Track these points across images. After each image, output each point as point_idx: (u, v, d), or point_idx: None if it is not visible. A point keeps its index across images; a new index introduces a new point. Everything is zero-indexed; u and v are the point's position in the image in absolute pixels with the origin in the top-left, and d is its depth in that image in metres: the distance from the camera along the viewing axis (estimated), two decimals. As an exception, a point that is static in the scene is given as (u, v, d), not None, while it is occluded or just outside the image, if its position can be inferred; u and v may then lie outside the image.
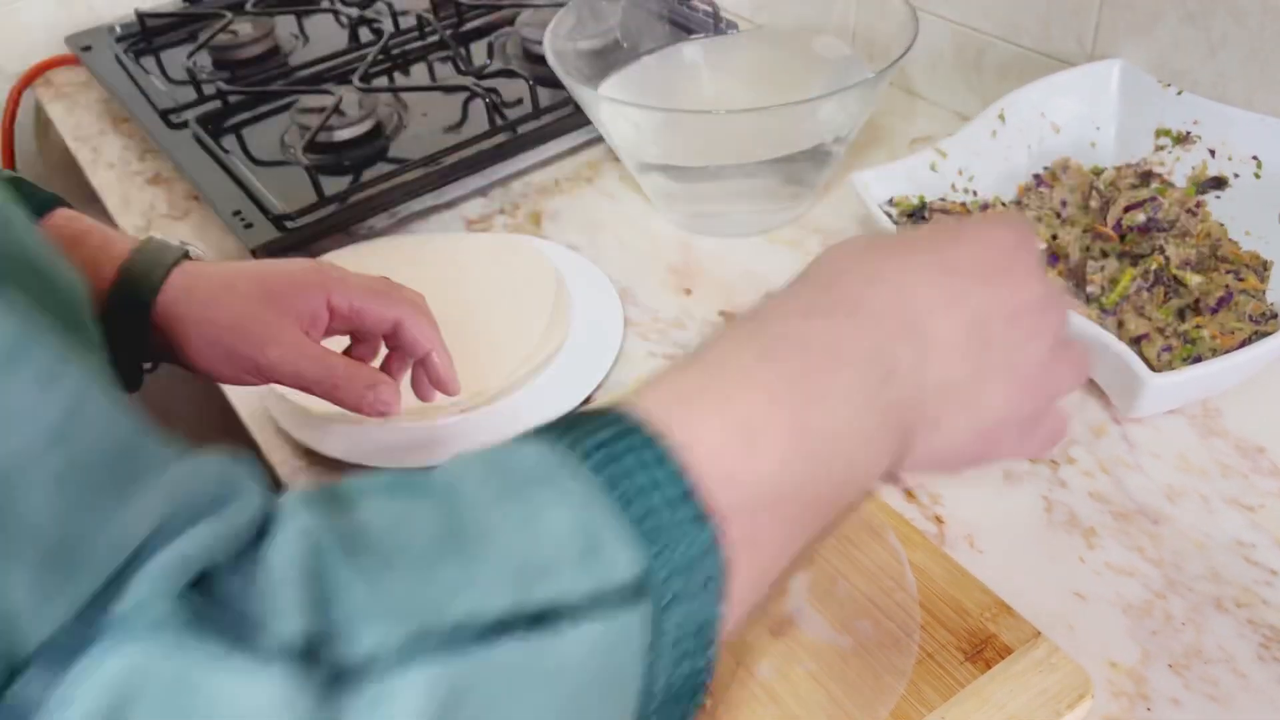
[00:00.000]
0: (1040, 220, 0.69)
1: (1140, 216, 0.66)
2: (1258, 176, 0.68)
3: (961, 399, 0.37)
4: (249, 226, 0.78)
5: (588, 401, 0.66)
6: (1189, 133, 0.71)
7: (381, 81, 0.97)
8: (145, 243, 0.56)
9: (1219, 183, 0.69)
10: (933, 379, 0.36)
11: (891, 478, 0.37)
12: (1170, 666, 0.50)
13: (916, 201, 0.71)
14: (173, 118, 0.93)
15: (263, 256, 0.76)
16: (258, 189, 0.82)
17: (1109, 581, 0.53)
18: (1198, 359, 0.60)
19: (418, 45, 1.01)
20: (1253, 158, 0.68)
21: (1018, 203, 0.72)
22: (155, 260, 0.55)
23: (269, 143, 0.90)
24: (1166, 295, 0.64)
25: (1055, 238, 0.67)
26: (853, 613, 0.50)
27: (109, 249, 0.55)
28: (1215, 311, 0.62)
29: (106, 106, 1.05)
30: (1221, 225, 0.67)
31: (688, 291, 0.75)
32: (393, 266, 0.75)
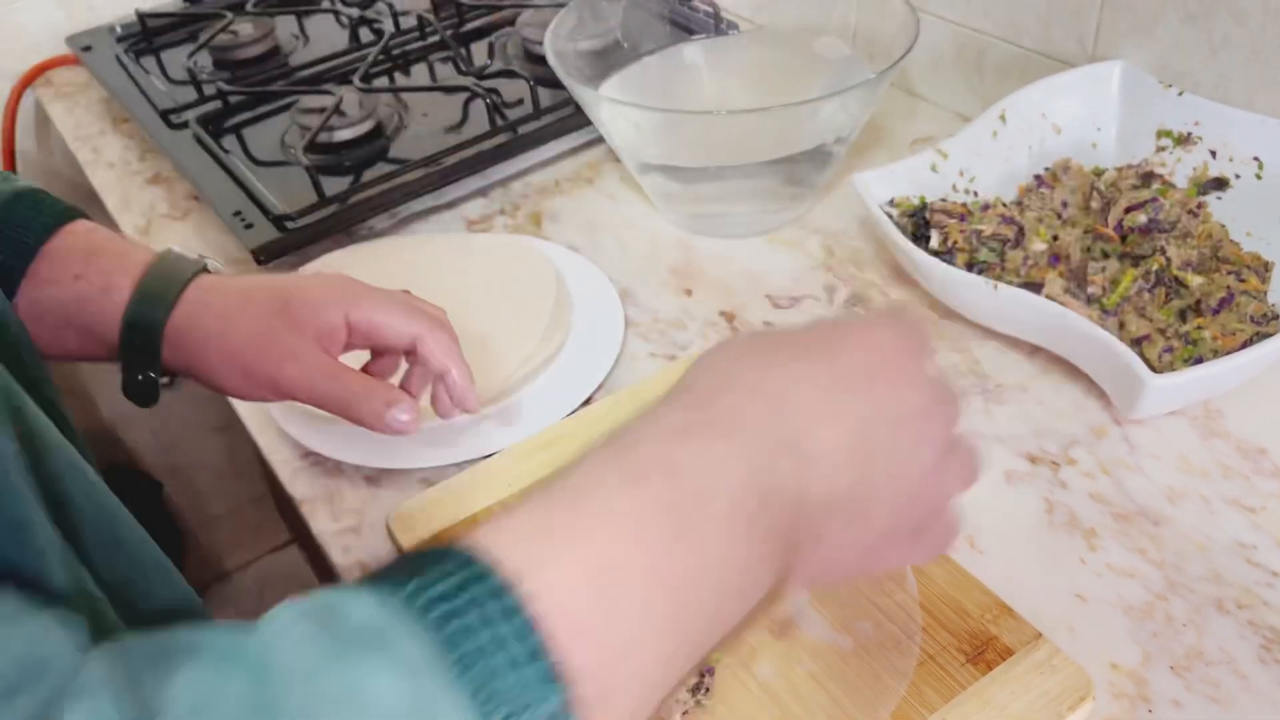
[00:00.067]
0: (1041, 221, 0.69)
1: (1141, 217, 0.66)
2: (1259, 177, 0.68)
3: (846, 514, 0.35)
4: (249, 227, 0.78)
5: (588, 402, 0.66)
6: (1190, 134, 0.71)
7: (382, 82, 0.97)
8: (162, 257, 0.55)
9: (1220, 184, 0.69)
10: (815, 496, 0.34)
11: (773, 597, 0.35)
12: (1171, 668, 0.50)
13: (917, 202, 0.71)
14: (173, 118, 0.93)
15: (263, 257, 0.76)
16: (258, 189, 0.81)
17: (1110, 583, 0.53)
18: (1199, 360, 0.60)
19: (418, 45, 1.01)
20: (1254, 159, 0.68)
21: (1018, 203, 0.72)
22: (171, 276, 0.54)
23: (269, 143, 0.90)
24: (1168, 296, 0.64)
25: (1056, 239, 0.67)
26: (854, 614, 0.50)
27: (125, 262, 0.54)
28: (1216, 312, 0.62)
29: (107, 106, 1.05)
30: (1223, 226, 0.67)
31: (688, 292, 0.75)
32: (393, 267, 0.76)
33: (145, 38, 1.08)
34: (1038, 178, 0.74)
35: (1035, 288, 0.64)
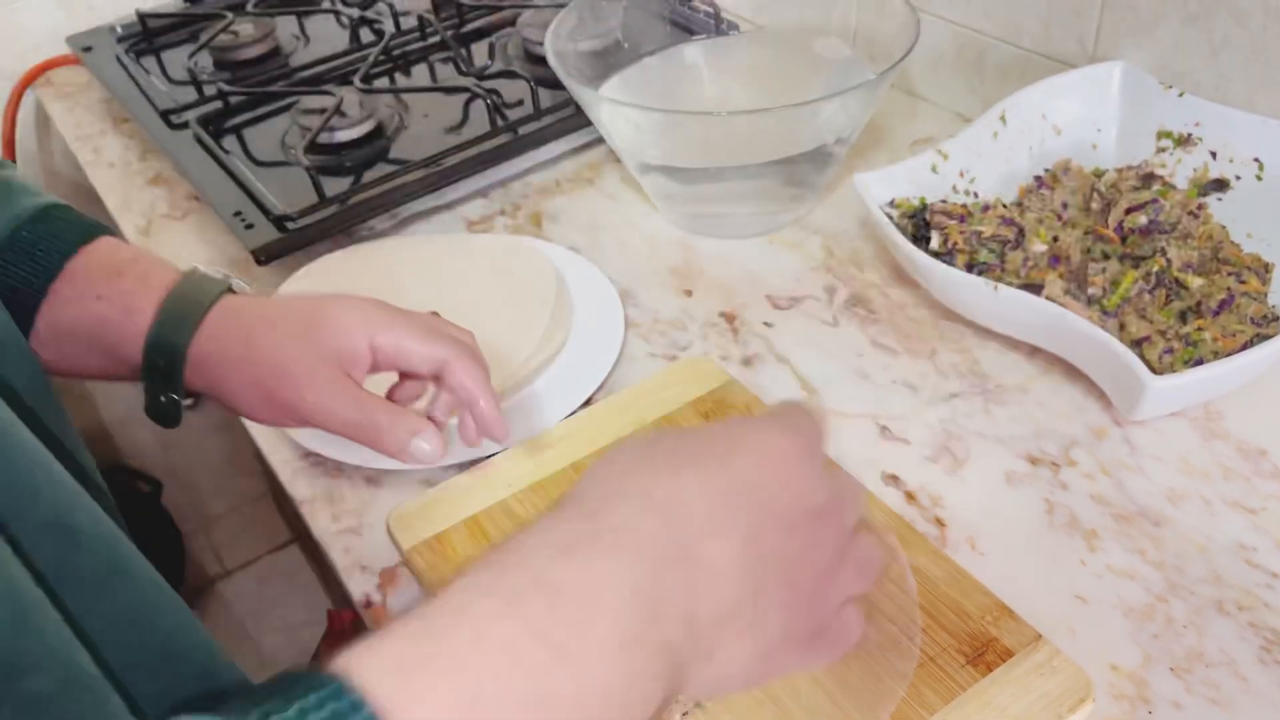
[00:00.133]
0: (1042, 222, 0.69)
1: (1142, 219, 0.66)
2: (1259, 179, 0.68)
3: (738, 626, 0.35)
4: (250, 227, 0.78)
5: (589, 403, 0.66)
6: (1190, 135, 0.71)
7: (382, 82, 0.97)
8: (186, 277, 0.55)
9: (1220, 185, 0.69)
10: (705, 609, 0.34)
11: (665, 707, 0.34)
12: (1172, 669, 0.49)
13: (918, 203, 0.71)
14: (173, 118, 0.93)
15: (263, 257, 0.76)
16: (258, 189, 0.81)
17: (1110, 584, 0.53)
18: (1199, 362, 0.60)
19: (419, 46, 1.01)
20: (1254, 160, 0.68)
21: (1019, 204, 0.72)
22: (194, 299, 0.53)
23: (270, 143, 0.90)
24: (1168, 297, 0.64)
25: (1056, 240, 0.67)
26: (854, 615, 0.50)
27: (148, 284, 0.53)
28: (1217, 314, 0.62)
29: (107, 106, 1.05)
30: (1223, 227, 0.67)
31: (688, 293, 0.75)
32: (393, 268, 0.76)
33: (146, 38, 1.08)
34: (1038, 179, 0.74)
35: (1035, 289, 0.64)
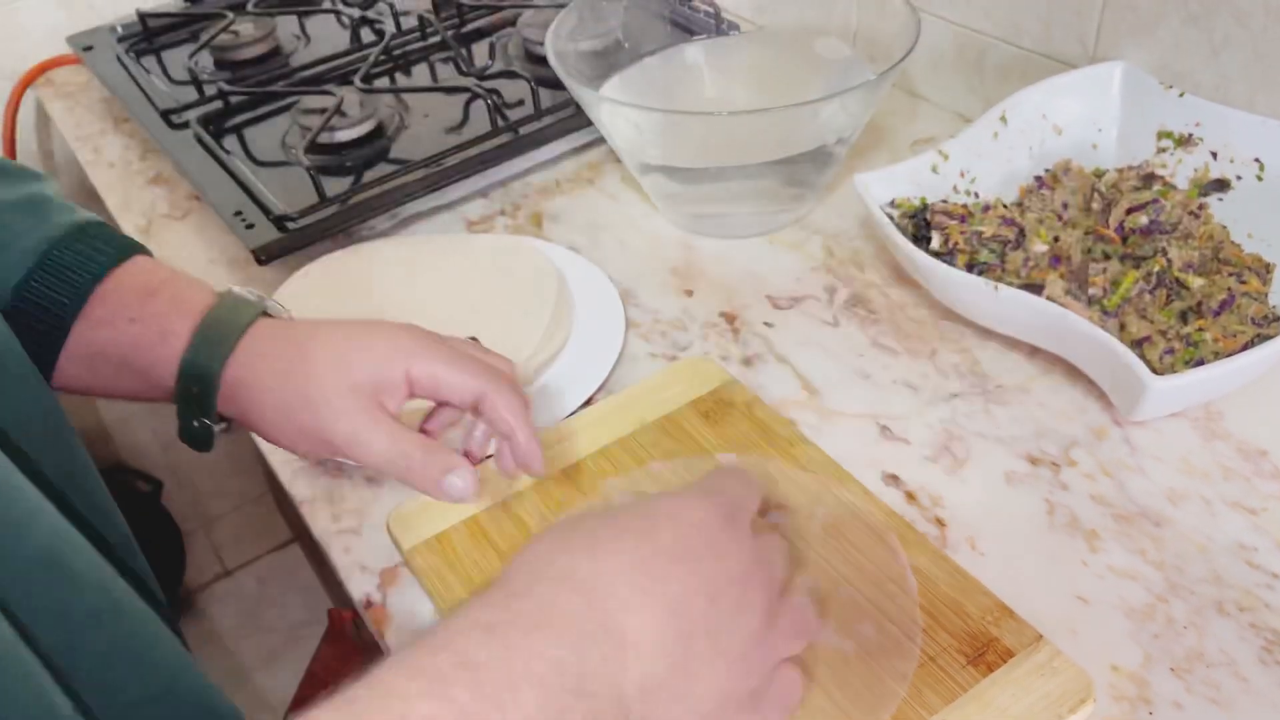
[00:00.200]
0: (1042, 222, 0.69)
1: (1142, 219, 0.66)
2: (1260, 179, 0.68)
3: (669, 694, 0.35)
4: (250, 227, 0.78)
5: (589, 403, 0.66)
6: (1191, 135, 0.71)
7: (383, 82, 0.97)
8: (221, 300, 0.54)
9: (1221, 185, 0.69)
10: (633, 681, 0.34)
11: None
12: (1172, 670, 0.49)
13: (918, 203, 0.71)
14: (174, 118, 0.93)
15: (264, 257, 0.76)
16: (259, 189, 0.81)
17: (1111, 584, 0.53)
18: (1200, 362, 0.60)
19: (419, 46, 1.01)
20: (1255, 160, 0.68)
21: (1019, 204, 0.72)
22: (228, 323, 0.53)
23: (270, 143, 0.90)
24: (1169, 298, 0.64)
25: (1057, 240, 0.67)
26: (854, 616, 0.50)
27: (182, 307, 0.53)
28: (1217, 314, 0.62)
29: (108, 106, 1.05)
30: (1224, 228, 0.67)
31: (689, 293, 0.75)
32: (393, 268, 0.76)
33: (146, 38, 1.08)
34: (1038, 179, 0.74)
35: (1036, 289, 0.64)
